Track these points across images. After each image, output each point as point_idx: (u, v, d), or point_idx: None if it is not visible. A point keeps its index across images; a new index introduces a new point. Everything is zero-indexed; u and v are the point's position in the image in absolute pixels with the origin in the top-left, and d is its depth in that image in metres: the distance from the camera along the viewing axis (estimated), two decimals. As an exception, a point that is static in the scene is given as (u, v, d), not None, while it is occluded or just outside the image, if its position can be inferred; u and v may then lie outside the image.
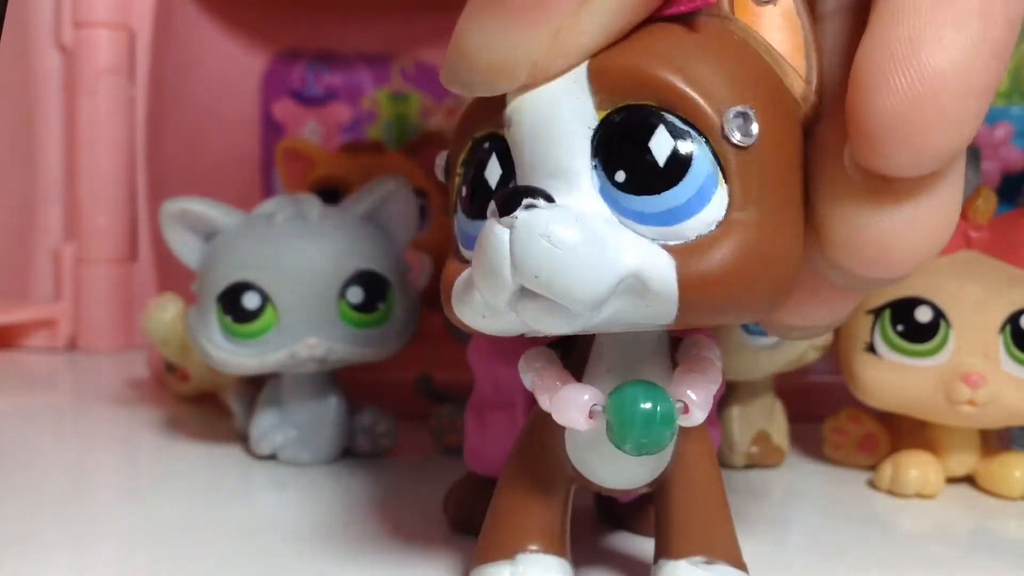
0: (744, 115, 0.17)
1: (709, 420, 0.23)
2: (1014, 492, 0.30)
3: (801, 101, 0.19)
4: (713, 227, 0.17)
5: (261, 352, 0.30)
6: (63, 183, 0.53)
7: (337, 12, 0.64)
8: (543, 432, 0.21)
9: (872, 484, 0.31)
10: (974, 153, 0.43)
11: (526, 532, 0.21)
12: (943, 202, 0.18)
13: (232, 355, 0.30)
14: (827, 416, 0.33)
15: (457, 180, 0.20)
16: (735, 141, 0.17)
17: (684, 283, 0.17)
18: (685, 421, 0.19)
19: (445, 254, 0.21)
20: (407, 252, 0.33)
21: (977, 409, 0.29)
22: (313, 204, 0.31)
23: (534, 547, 0.21)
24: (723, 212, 0.17)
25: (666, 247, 0.17)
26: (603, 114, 0.18)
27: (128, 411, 0.39)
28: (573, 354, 0.21)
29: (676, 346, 0.21)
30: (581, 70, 0.18)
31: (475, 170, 0.19)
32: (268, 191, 0.63)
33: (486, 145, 0.19)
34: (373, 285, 0.31)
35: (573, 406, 0.19)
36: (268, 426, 0.32)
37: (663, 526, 0.21)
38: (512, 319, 0.18)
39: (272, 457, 0.32)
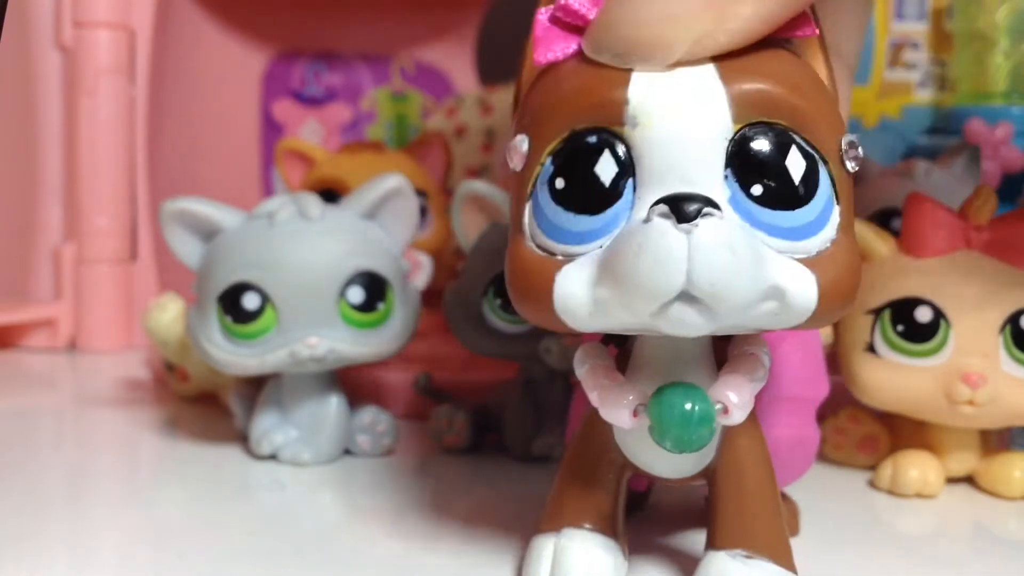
0: (854, 144, 0.19)
1: (808, 422, 0.25)
2: (1014, 492, 0.30)
3: None
4: (828, 244, 0.19)
5: (261, 352, 0.30)
6: (63, 183, 0.53)
7: (337, 12, 0.64)
8: (598, 422, 0.22)
9: (872, 484, 0.31)
10: (974, 153, 0.43)
11: (576, 511, 0.22)
12: None
13: (232, 355, 0.30)
14: (827, 416, 0.33)
15: (539, 168, 0.20)
16: (849, 167, 0.19)
17: (822, 295, 0.18)
18: (725, 421, 0.20)
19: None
20: (407, 252, 0.33)
21: (977, 409, 0.29)
22: (313, 203, 0.31)
23: (581, 524, 0.22)
24: (835, 231, 0.19)
25: (796, 260, 0.18)
26: (739, 127, 0.18)
27: (128, 411, 0.39)
28: (622, 351, 0.22)
29: (720, 343, 0.21)
30: (719, 81, 0.18)
31: (577, 163, 0.19)
32: (268, 191, 0.63)
33: (592, 140, 0.19)
34: (373, 285, 0.31)
35: (618, 405, 0.20)
36: (268, 426, 0.32)
37: (711, 516, 0.22)
38: (612, 321, 0.18)
39: (272, 457, 0.32)
